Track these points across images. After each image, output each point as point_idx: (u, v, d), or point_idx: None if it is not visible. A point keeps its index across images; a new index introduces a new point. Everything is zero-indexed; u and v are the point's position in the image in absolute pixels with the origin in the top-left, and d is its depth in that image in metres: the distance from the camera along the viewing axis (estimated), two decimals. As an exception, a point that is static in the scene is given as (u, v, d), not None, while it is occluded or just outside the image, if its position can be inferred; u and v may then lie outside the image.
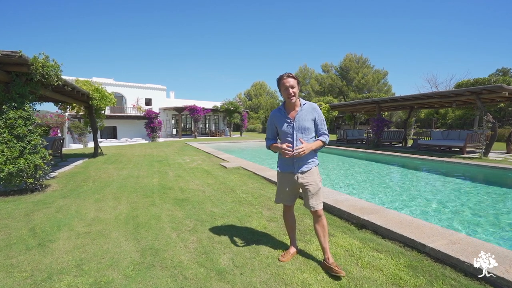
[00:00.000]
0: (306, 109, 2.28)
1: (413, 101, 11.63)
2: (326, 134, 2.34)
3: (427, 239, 2.48)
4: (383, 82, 42.44)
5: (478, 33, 58.96)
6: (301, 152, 2.11)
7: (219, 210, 3.79)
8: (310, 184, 2.27)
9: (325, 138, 2.31)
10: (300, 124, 2.25)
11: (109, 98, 9.17)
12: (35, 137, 4.71)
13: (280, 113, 2.34)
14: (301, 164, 2.28)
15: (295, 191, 2.42)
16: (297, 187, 2.37)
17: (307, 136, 2.27)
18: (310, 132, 2.28)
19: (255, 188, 4.96)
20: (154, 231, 3.05)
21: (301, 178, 2.28)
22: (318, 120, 2.31)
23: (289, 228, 2.56)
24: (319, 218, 2.30)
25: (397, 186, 6.02)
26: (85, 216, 3.54)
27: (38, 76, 4.67)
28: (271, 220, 3.39)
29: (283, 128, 2.30)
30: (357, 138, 16.77)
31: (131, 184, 5.39)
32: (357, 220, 3.19)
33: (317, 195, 2.29)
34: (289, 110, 2.31)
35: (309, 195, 2.29)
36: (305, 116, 2.26)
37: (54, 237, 2.89)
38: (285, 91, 2.20)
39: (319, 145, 2.27)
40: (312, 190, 2.27)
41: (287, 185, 2.37)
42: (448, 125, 23.57)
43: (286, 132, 2.29)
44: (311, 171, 2.30)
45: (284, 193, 2.42)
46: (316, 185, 2.28)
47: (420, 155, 9.50)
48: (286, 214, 2.53)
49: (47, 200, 4.27)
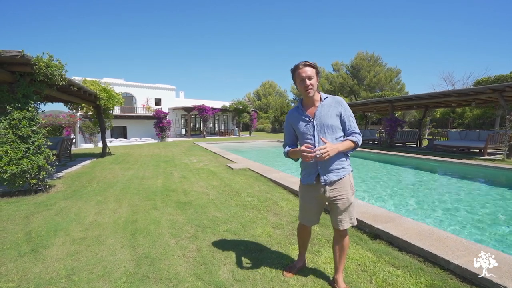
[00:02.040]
0: (328, 103, 1.87)
1: (429, 100, 11.12)
2: (358, 132, 1.87)
3: (451, 254, 2.20)
4: (396, 81, 41.29)
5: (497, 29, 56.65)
6: (324, 154, 1.63)
7: (222, 215, 3.60)
8: (339, 199, 1.85)
9: (357, 138, 1.84)
10: (322, 122, 1.83)
11: (117, 98, 9.16)
12: (39, 138, 4.66)
13: (298, 112, 1.94)
14: (328, 171, 1.83)
15: (322, 206, 1.99)
16: (324, 201, 1.95)
17: (332, 135, 1.84)
18: (335, 131, 1.85)
19: (261, 191, 4.75)
20: (152, 238, 2.88)
21: (329, 191, 1.85)
22: (345, 116, 1.86)
23: (301, 243, 2.25)
24: (341, 238, 1.95)
25: (413, 190, 5.66)
26: (84, 219, 3.42)
27: (41, 76, 4.62)
28: (277, 227, 3.17)
29: (301, 128, 1.90)
30: (369, 138, 16.27)
31: (135, 185, 5.28)
32: (370, 229, 2.93)
33: (346, 212, 1.88)
34: (308, 106, 1.92)
35: (337, 211, 1.88)
36: (327, 111, 1.84)
37: (49, 242, 2.77)
38: (301, 83, 1.82)
39: (349, 146, 1.81)
40: (340, 206, 1.86)
41: (312, 202, 1.95)
42: (466, 125, 22.62)
43: (305, 133, 1.88)
44: (343, 181, 1.85)
45: (309, 212, 2.00)
46: (347, 200, 1.86)
47: (437, 157, 9.04)
48: (302, 231, 2.18)
49: (49, 202, 4.19)
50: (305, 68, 1.81)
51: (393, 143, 12.95)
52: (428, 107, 13.67)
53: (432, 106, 13.50)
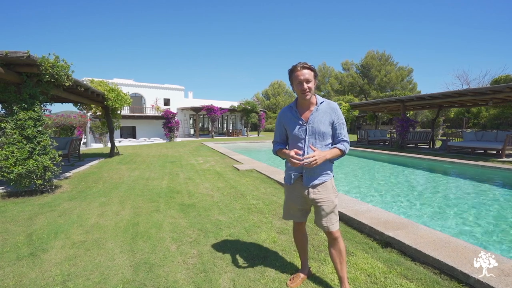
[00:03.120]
0: (323, 109, 1.87)
1: (443, 99, 10.72)
2: (346, 141, 1.89)
3: (471, 267, 2.02)
4: (408, 80, 40.37)
5: (514, 26, 54.55)
6: (313, 162, 1.68)
7: (226, 218, 3.49)
8: (324, 201, 1.87)
9: (344, 146, 1.86)
10: (315, 128, 1.84)
11: (125, 98, 9.20)
12: (45, 138, 4.67)
13: (292, 113, 1.94)
14: (312, 176, 1.87)
15: (306, 207, 2.03)
16: (308, 203, 1.98)
17: (322, 142, 1.86)
18: (326, 138, 1.87)
19: (267, 194, 4.62)
20: (153, 242, 2.80)
21: (312, 193, 1.88)
22: (336, 124, 1.88)
23: (300, 248, 2.17)
24: (335, 241, 1.91)
25: (428, 194, 5.39)
26: (86, 221, 3.38)
27: (48, 77, 4.63)
28: (282, 232, 3.04)
29: (294, 131, 1.90)
30: (379, 138, 15.88)
31: (140, 186, 5.24)
32: (381, 236, 2.76)
33: (332, 214, 1.89)
34: (303, 109, 1.91)
35: (322, 213, 1.89)
36: (321, 117, 1.85)
37: (49, 245, 2.72)
38: (298, 86, 1.79)
39: (336, 154, 1.83)
40: (326, 209, 1.87)
41: (296, 200, 1.98)
42: (482, 125, 21.78)
43: (296, 136, 1.89)
44: (325, 184, 1.88)
45: (293, 209, 2.04)
46: (331, 202, 1.88)
47: (451, 158, 8.68)
48: (297, 232, 2.14)
49: (53, 203, 4.19)
50: (303, 71, 1.78)
51: (404, 144, 12.57)
52: (441, 106, 13.21)
53: (446, 105, 13.03)
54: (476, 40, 60.56)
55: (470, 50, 60.96)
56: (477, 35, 59.66)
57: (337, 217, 1.92)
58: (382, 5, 71.75)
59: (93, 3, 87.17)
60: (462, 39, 63.11)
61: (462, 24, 61.05)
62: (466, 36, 61.56)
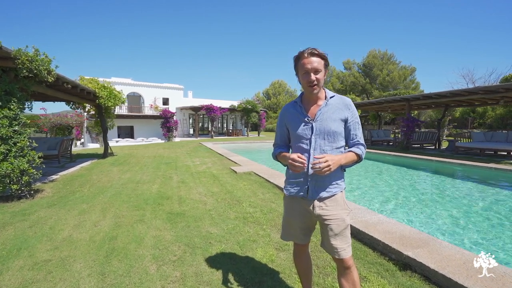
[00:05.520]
0: (334, 104, 1.50)
1: (450, 98, 10.26)
2: (362, 144, 1.52)
3: (520, 305, 1.59)
4: (411, 79, 39.83)
5: (518, 24, 53.86)
6: (325, 168, 1.29)
7: (218, 230, 3.07)
8: (332, 219, 1.48)
9: (361, 150, 1.50)
10: (323, 126, 1.47)
11: (118, 96, 8.80)
12: (22, 139, 4.27)
13: (295, 109, 1.56)
14: (319, 186, 1.48)
15: (310, 225, 1.62)
16: (313, 220, 1.58)
17: (332, 144, 1.48)
18: (336, 139, 1.49)
19: (265, 200, 4.20)
20: (129, 262, 2.38)
21: (319, 208, 1.49)
22: (351, 122, 1.51)
23: (302, 275, 1.76)
24: (347, 270, 1.50)
25: (443, 201, 4.84)
26: (58, 234, 2.96)
27: (24, 72, 4.22)
28: (281, 249, 2.62)
29: (297, 129, 1.53)
30: (383, 139, 15.42)
31: (128, 191, 4.83)
32: (398, 256, 2.33)
33: (342, 236, 1.49)
34: (309, 104, 1.54)
35: (329, 234, 1.49)
36: (331, 114, 1.48)
37: (5, 266, 2.31)
38: (305, 76, 1.42)
39: (352, 159, 1.46)
40: (334, 229, 1.48)
41: (298, 217, 1.58)
42: (488, 125, 21.28)
43: (300, 136, 1.51)
44: (335, 198, 1.50)
45: (293, 227, 1.62)
46: (342, 221, 1.49)
47: (460, 160, 8.23)
48: (298, 256, 1.72)
49: (28, 210, 3.78)
50: (311, 58, 1.41)
51: (409, 145, 12.12)
52: (448, 106, 12.75)
53: (453, 105, 12.57)
54: (480, 39, 59.95)
55: (474, 50, 60.38)
56: (481, 35, 59.03)
57: (349, 240, 1.52)
58: (383, 5, 71.20)
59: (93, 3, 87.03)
60: (465, 38, 62.55)
61: (465, 23, 60.46)
62: (469, 35, 60.96)
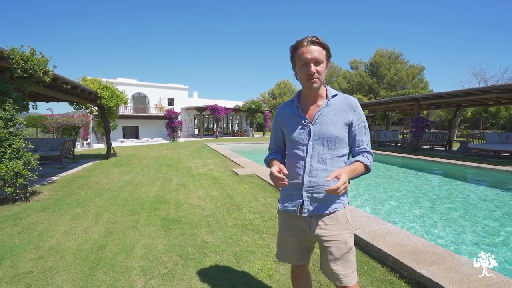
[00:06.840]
0: (337, 104, 1.27)
1: (463, 97, 9.86)
2: (369, 152, 1.30)
3: None
4: (419, 79, 38.99)
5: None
6: (341, 188, 1.04)
7: (214, 239, 2.88)
8: (332, 241, 1.26)
9: (369, 160, 1.27)
10: (322, 130, 1.24)
11: (120, 97, 8.71)
12: (18, 140, 4.16)
13: (292, 109, 1.34)
14: (316, 200, 1.25)
15: (308, 245, 1.39)
16: (311, 240, 1.37)
17: (333, 152, 1.25)
18: (338, 146, 1.26)
19: (266, 205, 3.99)
20: (115, 275, 2.21)
21: (317, 227, 1.26)
22: (356, 127, 1.28)
23: None
24: None
25: (459, 208, 4.43)
26: (45, 242, 2.81)
27: (19, 72, 4.11)
28: (280, 262, 2.40)
29: (292, 133, 1.30)
30: (391, 140, 15.01)
31: (125, 194, 4.68)
32: (410, 273, 2.09)
33: (344, 261, 1.27)
34: (307, 103, 1.31)
35: (329, 258, 1.27)
36: (333, 116, 1.25)
37: (-16, 278, 2.16)
38: (303, 68, 1.20)
39: (360, 171, 1.23)
40: (335, 252, 1.26)
41: (293, 236, 1.36)
42: (501, 125, 20.58)
43: (295, 141, 1.29)
44: (335, 216, 1.27)
45: (289, 248, 1.40)
46: (344, 243, 1.26)
47: (473, 162, 7.86)
48: (296, 278, 1.50)
49: (21, 214, 3.66)
50: (311, 47, 1.19)
51: (419, 146, 11.73)
52: (460, 105, 12.31)
53: (464, 104, 12.13)
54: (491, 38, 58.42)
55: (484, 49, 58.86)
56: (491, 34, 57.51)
57: (353, 265, 1.30)
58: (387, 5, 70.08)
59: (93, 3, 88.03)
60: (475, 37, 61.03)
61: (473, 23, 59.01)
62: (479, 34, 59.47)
